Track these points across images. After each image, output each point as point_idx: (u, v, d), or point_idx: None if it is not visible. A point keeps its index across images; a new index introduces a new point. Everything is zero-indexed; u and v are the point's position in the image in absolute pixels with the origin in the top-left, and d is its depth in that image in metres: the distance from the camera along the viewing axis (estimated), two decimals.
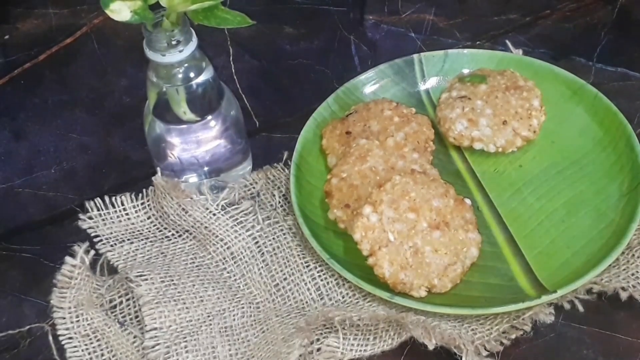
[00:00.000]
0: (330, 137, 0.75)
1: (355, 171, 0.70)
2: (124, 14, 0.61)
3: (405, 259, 0.64)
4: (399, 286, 0.64)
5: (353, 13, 0.91)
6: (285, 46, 0.88)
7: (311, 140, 0.75)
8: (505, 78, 0.76)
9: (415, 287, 0.64)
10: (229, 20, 0.64)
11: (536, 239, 0.68)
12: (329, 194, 0.70)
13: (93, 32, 0.90)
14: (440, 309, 0.63)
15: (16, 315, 0.68)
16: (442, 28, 0.89)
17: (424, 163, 0.71)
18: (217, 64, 0.83)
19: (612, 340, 0.63)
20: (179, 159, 0.71)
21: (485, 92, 0.75)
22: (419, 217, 0.65)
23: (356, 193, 0.69)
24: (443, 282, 0.65)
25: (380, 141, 0.71)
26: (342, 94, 0.78)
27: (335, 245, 0.69)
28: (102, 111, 0.83)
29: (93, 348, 0.64)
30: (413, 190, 0.66)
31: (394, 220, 0.65)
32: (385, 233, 0.65)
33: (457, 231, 0.66)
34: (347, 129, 0.74)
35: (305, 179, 0.73)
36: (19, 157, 0.80)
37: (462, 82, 0.77)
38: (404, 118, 0.74)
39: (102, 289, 0.67)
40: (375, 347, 0.63)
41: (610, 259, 0.64)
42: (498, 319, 0.63)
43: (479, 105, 0.74)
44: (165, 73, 0.66)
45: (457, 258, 0.65)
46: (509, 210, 0.71)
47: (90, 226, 0.71)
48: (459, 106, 0.74)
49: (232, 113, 0.71)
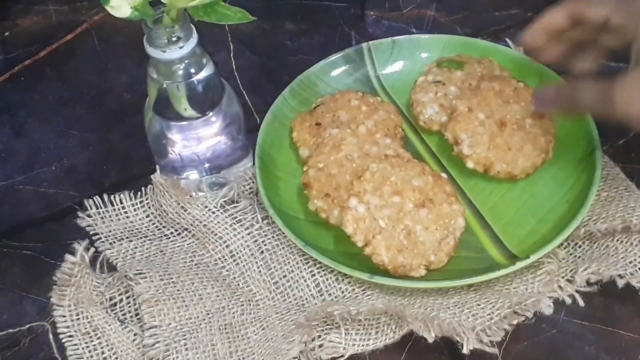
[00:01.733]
0: (300, 130, 0.75)
1: (332, 160, 0.70)
2: (124, 10, 0.61)
3: (400, 241, 0.65)
4: (400, 269, 0.65)
5: (354, 9, 0.91)
6: (285, 42, 0.88)
7: (272, 135, 0.75)
8: (482, 66, 0.77)
9: (414, 267, 0.65)
10: (229, 17, 0.63)
11: (501, 211, 0.70)
12: (307, 185, 0.70)
13: (93, 29, 0.90)
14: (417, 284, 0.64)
15: (17, 313, 0.68)
16: (443, 24, 0.89)
17: (397, 147, 0.72)
18: (217, 60, 0.83)
19: (614, 337, 0.63)
20: (179, 155, 0.71)
21: (460, 78, 0.76)
22: (403, 199, 0.66)
23: (335, 182, 0.69)
24: (440, 257, 0.66)
25: (351, 129, 0.72)
26: (297, 86, 0.78)
27: (314, 235, 0.69)
28: (103, 108, 0.83)
29: (93, 346, 0.64)
30: (392, 174, 0.67)
31: (381, 207, 0.66)
32: (375, 221, 0.65)
33: (442, 205, 0.67)
34: (317, 121, 0.75)
35: (272, 172, 0.73)
36: (19, 154, 0.80)
37: (439, 67, 0.77)
38: (371, 107, 0.75)
39: (102, 286, 0.67)
40: (378, 341, 0.63)
41: (575, 222, 0.65)
42: (499, 303, 0.63)
43: (452, 91, 0.75)
44: (165, 69, 0.66)
45: (447, 231, 0.66)
46: (471, 187, 0.72)
47: (89, 224, 0.71)
48: (432, 91, 0.76)
49: (233, 109, 0.71)
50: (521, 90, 0.73)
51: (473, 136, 0.71)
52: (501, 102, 0.72)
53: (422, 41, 0.81)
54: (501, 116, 0.71)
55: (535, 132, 0.72)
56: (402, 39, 0.81)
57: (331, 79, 0.80)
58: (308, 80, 0.79)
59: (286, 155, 0.75)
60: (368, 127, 0.72)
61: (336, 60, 0.80)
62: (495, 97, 0.72)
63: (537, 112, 0.72)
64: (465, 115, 0.71)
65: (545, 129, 0.72)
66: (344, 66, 0.80)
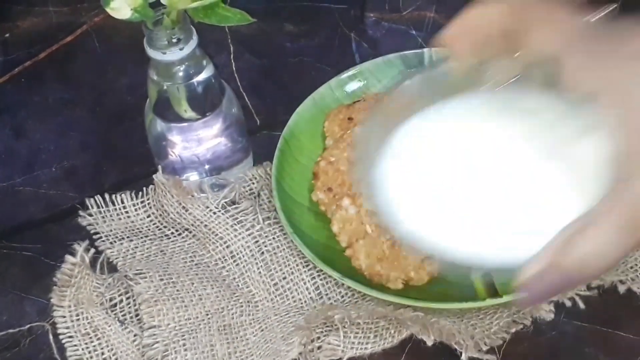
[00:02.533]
0: (333, 121, 0.75)
1: (344, 157, 0.70)
2: (124, 12, 0.61)
3: (382, 251, 0.65)
4: (376, 277, 0.65)
5: (354, 10, 0.91)
6: (286, 44, 0.88)
7: (307, 119, 0.75)
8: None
9: (392, 279, 0.65)
10: (229, 18, 0.63)
11: None
12: (315, 175, 0.70)
13: (93, 30, 0.90)
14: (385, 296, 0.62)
15: (17, 314, 0.68)
16: (443, 25, 0.88)
17: None
18: (217, 62, 0.82)
19: (614, 338, 0.63)
20: (179, 157, 0.71)
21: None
22: None
23: (341, 178, 0.69)
24: (420, 275, 0.65)
25: None
26: (347, 78, 0.77)
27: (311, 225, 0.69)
28: (103, 109, 0.83)
29: (93, 347, 0.64)
30: None
31: (372, 214, 0.65)
32: (362, 226, 0.65)
33: None
34: (350, 115, 0.74)
35: (294, 156, 0.72)
36: (19, 155, 0.80)
37: None
38: None
39: (102, 287, 0.67)
40: (376, 345, 0.63)
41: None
42: (498, 313, 0.63)
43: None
44: (165, 71, 0.66)
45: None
46: None
47: (90, 223, 0.71)
48: None
49: (233, 111, 0.71)
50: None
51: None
52: None
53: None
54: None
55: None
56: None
57: (385, 77, 0.78)
58: (360, 74, 0.78)
59: (316, 143, 0.74)
60: None
61: (394, 60, 0.78)
62: None
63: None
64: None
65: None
66: (401, 67, 0.78)
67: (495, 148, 0.45)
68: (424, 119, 0.48)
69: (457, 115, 0.47)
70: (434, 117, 0.48)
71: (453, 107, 0.48)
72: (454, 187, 0.45)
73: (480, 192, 0.44)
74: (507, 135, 0.45)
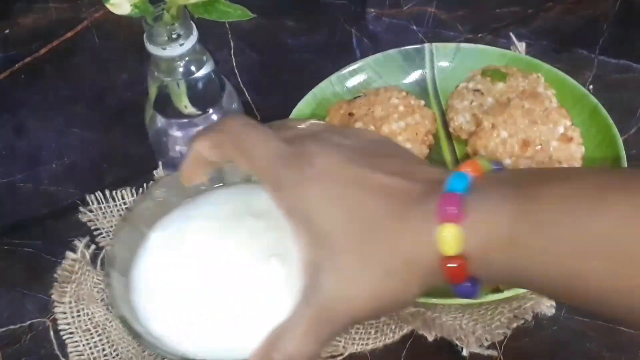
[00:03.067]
0: (333, 116, 0.74)
1: None
2: (124, 7, 0.61)
3: None
4: None
5: (354, 6, 0.91)
6: (286, 39, 0.88)
7: (307, 115, 0.75)
8: (526, 81, 0.73)
9: None
10: (229, 14, 0.63)
11: None
12: None
13: (94, 26, 0.90)
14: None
15: (18, 310, 0.68)
16: (443, 20, 0.89)
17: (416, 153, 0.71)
18: (217, 57, 0.82)
19: (615, 333, 0.63)
20: (180, 153, 0.71)
21: (500, 90, 0.73)
22: None
23: None
24: None
25: (375, 127, 0.71)
26: (348, 74, 0.77)
27: None
28: (103, 106, 0.83)
29: (94, 343, 0.64)
30: None
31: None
32: None
33: None
34: (351, 111, 0.74)
35: None
36: (20, 151, 0.80)
37: (483, 76, 0.75)
38: (409, 108, 0.73)
39: (102, 283, 0.67)
40: (378, 340, 0.63)
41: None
42: (499, 308, 0.63)
43: (489, 102, 0.72)
44: (166, 67, 0.66)
45: None
46: None
47: (91, 219, 0.71)
48: (468, 99, 0.73)
49: (233, 107, 0.71)
50: (552, 111, 0.70)
51: (492, 154, 0.68)
52: (528, 122, 0.69)
53: (487, 52, 0.78)
54: (525, 136, 0.68)
55: (559, 156, 0.68)
56: (466, 46, 0.78)
57: (385, 72, 0.78)
58: (361, 70, 0.78)
59: None
60: (392, 128, 0.71)
61: (394, 55, 0.78)
62: (522, 116, 0.69)
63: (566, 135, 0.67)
64: (488, 131, 0.69)
65: (570, 154, 0.68)
66: (401, 62, 0.79)
67: (224, 255, 0.51)
68: (166, 231, 0.54)
69: (197, 229, 0.53)
70: (175, 231, 0.54)
71: (195, 216, 0.54)
72: (192, 294, 0.50)
73: (211, 297, 0.49)
74: (233, 241, 0.51)
